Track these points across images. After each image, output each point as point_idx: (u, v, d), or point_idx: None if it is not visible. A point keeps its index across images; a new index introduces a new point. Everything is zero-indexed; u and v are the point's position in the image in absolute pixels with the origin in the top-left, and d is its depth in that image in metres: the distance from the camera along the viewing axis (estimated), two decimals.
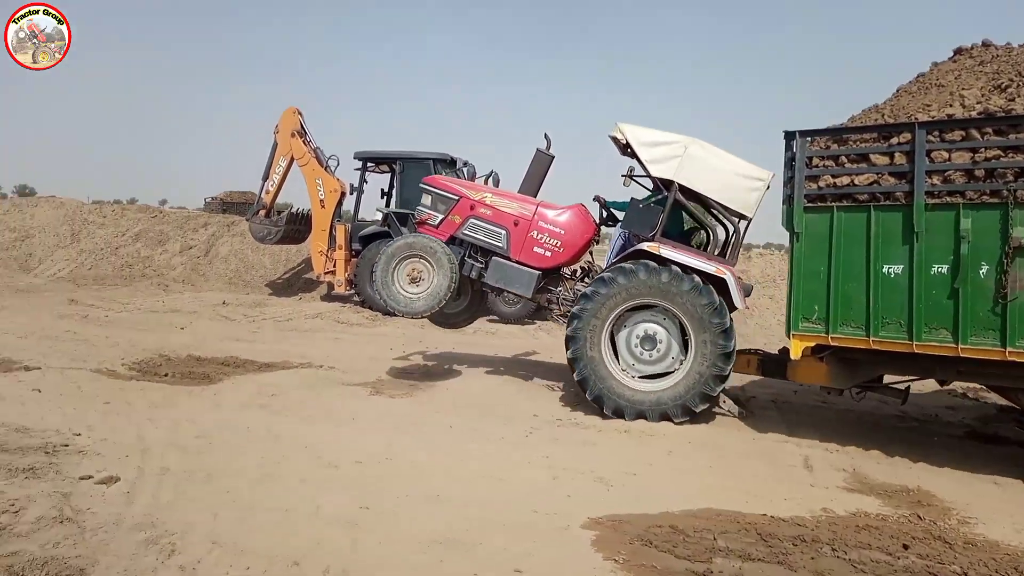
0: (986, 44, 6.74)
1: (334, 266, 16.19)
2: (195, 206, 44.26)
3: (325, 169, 16.58)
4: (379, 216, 10.59)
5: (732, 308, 7.44)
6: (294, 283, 19.77)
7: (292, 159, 16.68)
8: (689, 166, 7.48)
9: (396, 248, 8.42)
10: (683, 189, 7.59)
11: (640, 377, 7.58)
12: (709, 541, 4.34)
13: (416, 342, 11.98)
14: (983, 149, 5.76)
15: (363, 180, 16.35)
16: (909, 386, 7.18)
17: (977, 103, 5.98)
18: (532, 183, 8.80)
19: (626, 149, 7.92)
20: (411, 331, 13.10)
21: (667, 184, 7.63)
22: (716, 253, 7.78)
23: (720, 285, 7.30)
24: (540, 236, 8.47)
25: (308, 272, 19.08)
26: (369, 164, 16.40)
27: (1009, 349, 5.71)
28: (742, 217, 7.77)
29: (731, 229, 7.89)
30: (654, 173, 7.71)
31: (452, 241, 8.75)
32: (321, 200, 16.36)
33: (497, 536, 4.32)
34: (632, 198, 8.01)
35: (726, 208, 7.60)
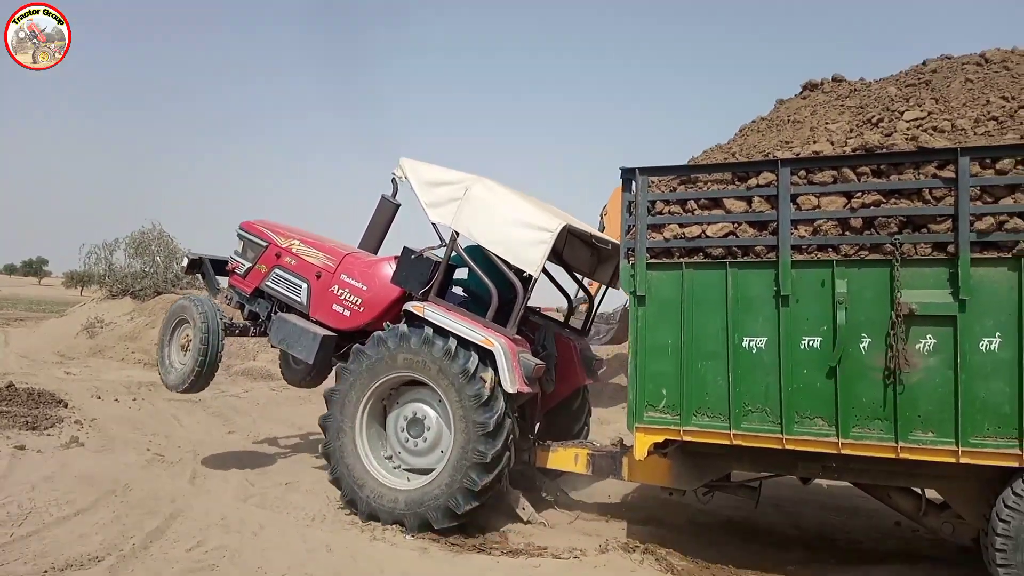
0: (838, 79, 5.86)
1: None
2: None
3: None
4: (184, 262, 8.48)
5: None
6: None
7: None
8: (468, 211, 6.09)
9: (169, 312, 7.57)
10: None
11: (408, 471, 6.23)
12: None
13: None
14: (860, 194, 4.65)
15: None
16: (761, 483, 5.94)
17: (848, 139, 4.92)
18: (375, 234, 7.43)
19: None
20: None
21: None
22: (512, 321, 6.14)
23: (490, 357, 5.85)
24: (341, 292, 6.88)
25: None
26: None
27: (901, 444, 4.54)
28: (523, 275, 6.17)
29: (520, 290, 6.20)
30: (432, 218, 6.30)
31: (259, 294, 7.61)
32: None
33: None
34: (404, 247, 6.49)
35: (505, 263, 6.08)
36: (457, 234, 6.22)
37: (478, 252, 6.32)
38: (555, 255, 7.32)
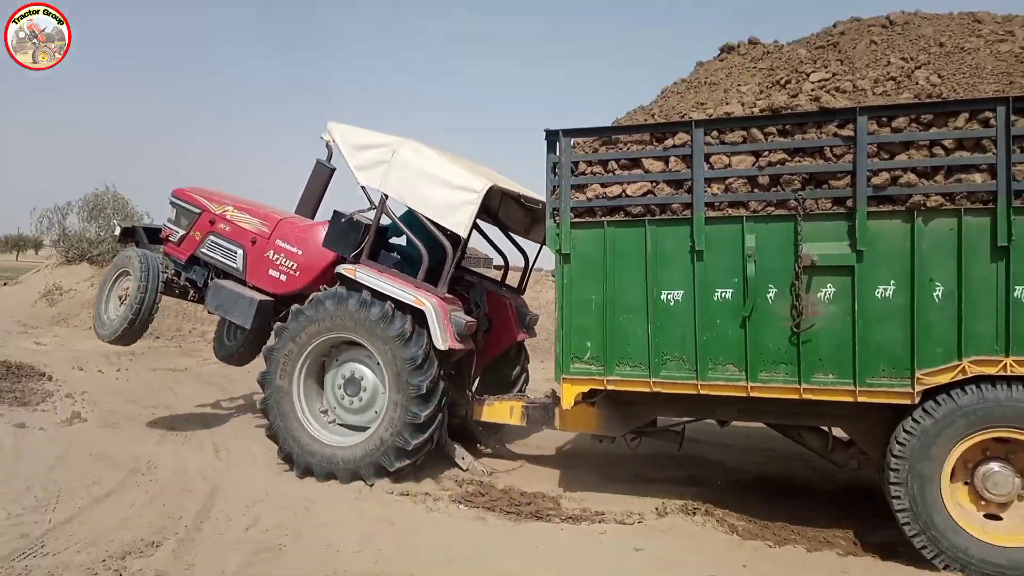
0: (753, 42, 6.06)
1: None
2: None
3: None
4: (117, 231, 8.39)
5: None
6: None
7: None
8: (397, 173, 6.24)
9: (112, 263, 7.73)
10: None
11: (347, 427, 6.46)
12: None
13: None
14: (767, 152, 4.92)
15: None
16: (684, 428, 6.29)
17: (757, 100, 5.17)
18: (310, 200, 7.49)
19: None
20: None
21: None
22: (442, 280, 6.35)
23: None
24: (276, 257, 7.00)
25: None
26: None
27: (804, 386, 4.88)
28: (453, 235, 6.38)
29: (450, 250, 6.43)
30: (362, 181, 6.42)
31: (195, 261, 7.64)
32: None
33: None
34: (334, 211, 6.62)
35: (434, 224, 6.26)
36: (386, 197, 6.36)
37: (410, 214, 6.47)
38: (491, 216, 7.53)
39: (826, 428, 5.67)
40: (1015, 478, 4.65)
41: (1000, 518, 4.71)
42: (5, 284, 24.61)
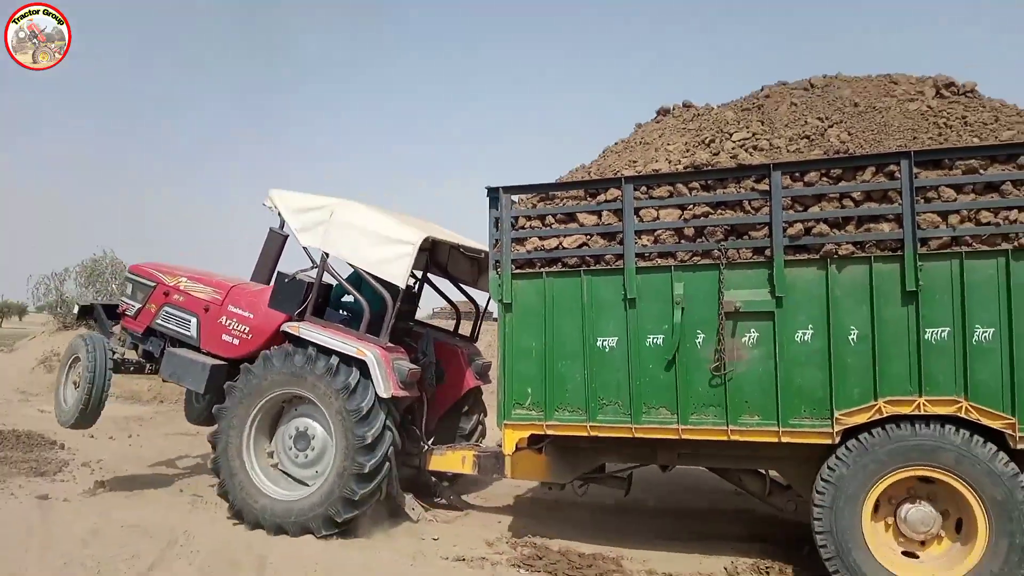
0: (687, 105, 6.45)
1: None
2: None
3: None
4: (75, 309, 8.55)
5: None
6: None
7: None
8: (336, 233, 6.56)
9: (65, 350, 7.85)
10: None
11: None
12: None
13: None
14: (692, 206, 5.23)
15: None
16: (631, 474, 6.43)
17: (683, 157, 5.50)
18: (264, 266, 7.65)
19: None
20: None
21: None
22: (384, 331, 6.55)
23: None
24: (229, 322, 7.13)
25: None
26: None
27: (731, 427, 5.09)
28: (392, 288, 6.59)
29: (390, 302, 6.64)
30: (303, 242, 6.77)
31: (151, 333, 7.79)
32: None
33: None
34: (277, 272, 6.95)
35: (374, 278, 6.53)
36: (327, 255, 6.65)
37: (355, 271, 6.74)
38: (440, 268, 7.83)
39: (764, 472, 5.83)
40: (934, 517, 4.81)
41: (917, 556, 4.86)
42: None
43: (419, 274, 8.03)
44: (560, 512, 7.01)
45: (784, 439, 4.97)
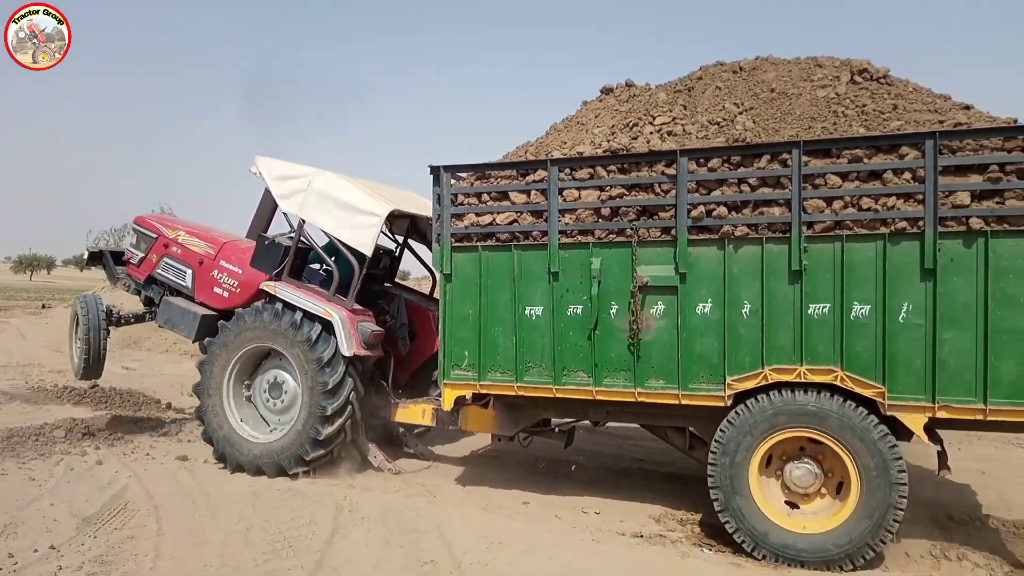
0: (629, 84, 6.81)
1: None
2: None
3: None
4: (85, 255, 9.32)
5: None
6: None
7: None
8: (312, 201, 7.14)
9: (71, 312, 8.63)
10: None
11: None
12: None
13: None
14: (609, 188, 5.70)
15: None
16: (573, 428, 7.04)
17: (605, 141, 5.94)
18: (259, 223, 8.32)
19: None
20: None
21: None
22: (351, 294, 7.19)
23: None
24: (220, 276, 7.92)
25: None
26: None
27: (639, 390, 5.64)
28: (359, 255, 7.20)
29: (357, 268, 7.25)
30: (283, 208, 7.41)
31: (152, 281, 8.50)
32: None
33: None
34: (259, 235, 7.67)
35: (345, 245, 7.14)
36: (303, 221, 7.27)
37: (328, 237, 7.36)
38: (419, 236, 8.42)
39: (687, 428, 6.37)
40: (816, 474, 5.34)
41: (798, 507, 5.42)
42: (44, 307, 25.19)
43: (401, 239, 8.64)
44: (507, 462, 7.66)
45: (684, 401, 5.52)
